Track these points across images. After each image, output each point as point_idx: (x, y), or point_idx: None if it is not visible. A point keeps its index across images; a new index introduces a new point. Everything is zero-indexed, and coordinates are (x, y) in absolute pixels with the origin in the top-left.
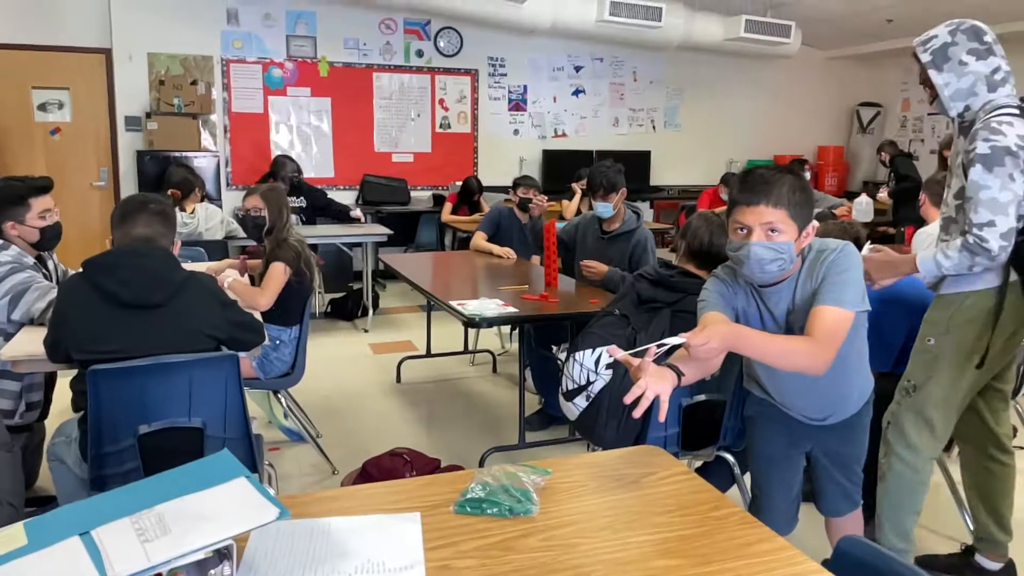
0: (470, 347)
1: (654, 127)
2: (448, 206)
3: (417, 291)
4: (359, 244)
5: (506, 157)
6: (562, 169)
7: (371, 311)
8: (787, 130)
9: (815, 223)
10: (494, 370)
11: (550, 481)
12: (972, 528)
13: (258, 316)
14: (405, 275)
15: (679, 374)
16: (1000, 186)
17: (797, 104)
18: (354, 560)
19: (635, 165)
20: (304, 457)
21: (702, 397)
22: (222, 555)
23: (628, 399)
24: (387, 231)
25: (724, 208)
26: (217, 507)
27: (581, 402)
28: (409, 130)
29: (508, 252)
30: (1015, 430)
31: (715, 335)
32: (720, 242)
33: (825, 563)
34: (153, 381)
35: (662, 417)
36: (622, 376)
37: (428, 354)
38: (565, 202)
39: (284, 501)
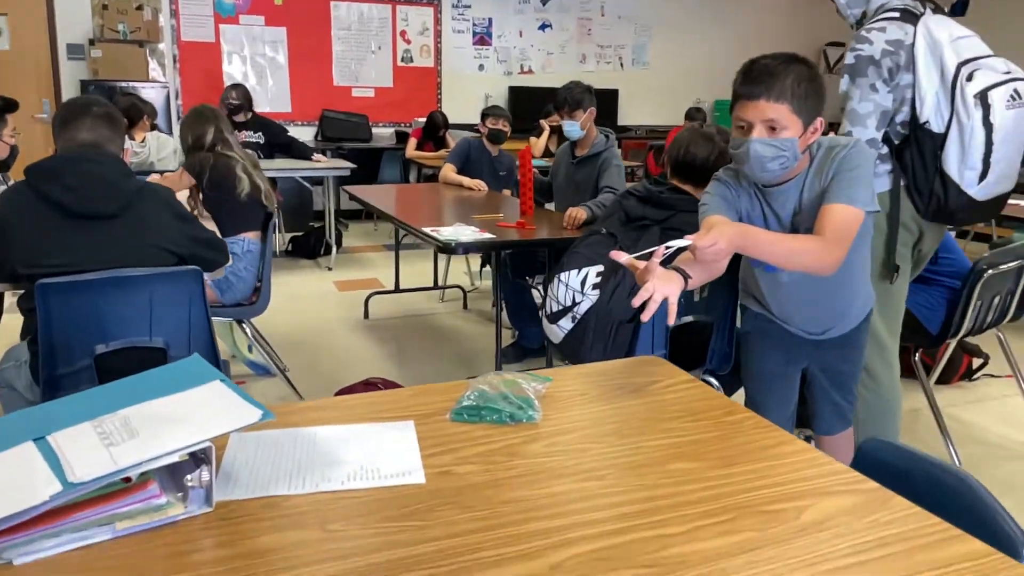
0: (439, 283)
1: (622, 64)
2: (412, 141)
3: (385, 221)
4: (320, 181)
5: (471, 93)
6: (528, 106)
7: (335, 249)
8: None
9: (823, 118)
10: (464, 306)
11: (550, 389)
12: (955, 452)
13: (218, 234)
14: (372, 204)
15: (686, 277)
16: (859, 97)
17: (764, 43)
18: (346, 467)
19: (603, 103)
20: (271, 390)
21: (689, 319)
22: (199, 460)
23: (636, 302)
24: (349, 165)
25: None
26: (191, 410)
27: (566, 324)
28: (369, 63)
29: (479, 184)
30: (988, 357)
31: (722, 236)
32: (695, 151)
33: None
34: (110, 297)
35: (671, 319)
36: (609, 296)
37: (396, 290)
38: (533, 139)
39: None
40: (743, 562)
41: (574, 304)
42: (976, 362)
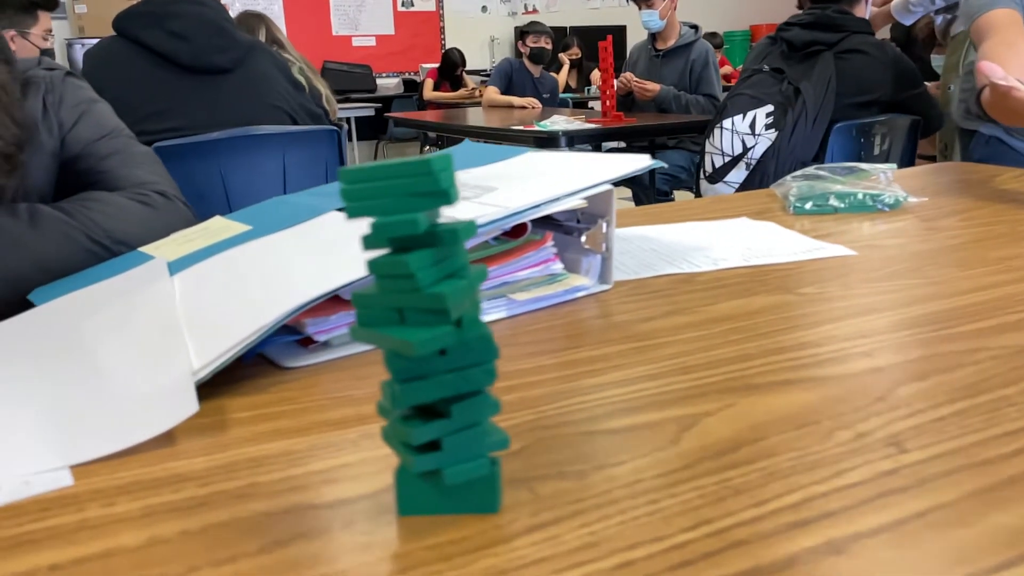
0: None
1: (628, 1)
2: (429, 83)
3: (446, 135)
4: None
5: (475, 37)
6: None
7: None
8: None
9: None
10: None
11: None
12: None
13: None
14: (425, 122)
15: None
16: None
17: None
18: (729, 251)
19: (611, 41)
20: None
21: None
22: (578, 226)
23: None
24: (372, 105)
25: None
26: (538, 169)
27: (737, 176)
28: (368, 9)
29: (532, 102)
30: None
31: None
32: None
33: None
34: (237, 161)
35: None
36: (791, 132)
37: None
38: (553, 74)
39: None
40: None
41: (745, 150)
42: None
